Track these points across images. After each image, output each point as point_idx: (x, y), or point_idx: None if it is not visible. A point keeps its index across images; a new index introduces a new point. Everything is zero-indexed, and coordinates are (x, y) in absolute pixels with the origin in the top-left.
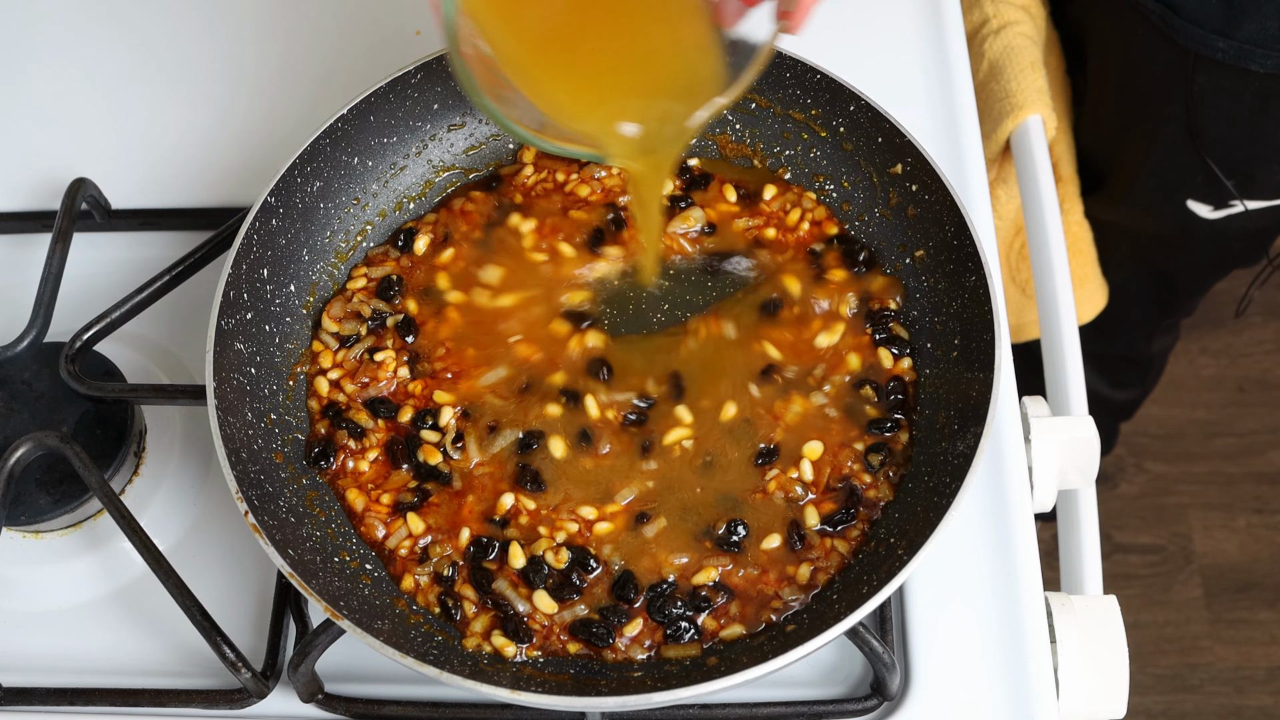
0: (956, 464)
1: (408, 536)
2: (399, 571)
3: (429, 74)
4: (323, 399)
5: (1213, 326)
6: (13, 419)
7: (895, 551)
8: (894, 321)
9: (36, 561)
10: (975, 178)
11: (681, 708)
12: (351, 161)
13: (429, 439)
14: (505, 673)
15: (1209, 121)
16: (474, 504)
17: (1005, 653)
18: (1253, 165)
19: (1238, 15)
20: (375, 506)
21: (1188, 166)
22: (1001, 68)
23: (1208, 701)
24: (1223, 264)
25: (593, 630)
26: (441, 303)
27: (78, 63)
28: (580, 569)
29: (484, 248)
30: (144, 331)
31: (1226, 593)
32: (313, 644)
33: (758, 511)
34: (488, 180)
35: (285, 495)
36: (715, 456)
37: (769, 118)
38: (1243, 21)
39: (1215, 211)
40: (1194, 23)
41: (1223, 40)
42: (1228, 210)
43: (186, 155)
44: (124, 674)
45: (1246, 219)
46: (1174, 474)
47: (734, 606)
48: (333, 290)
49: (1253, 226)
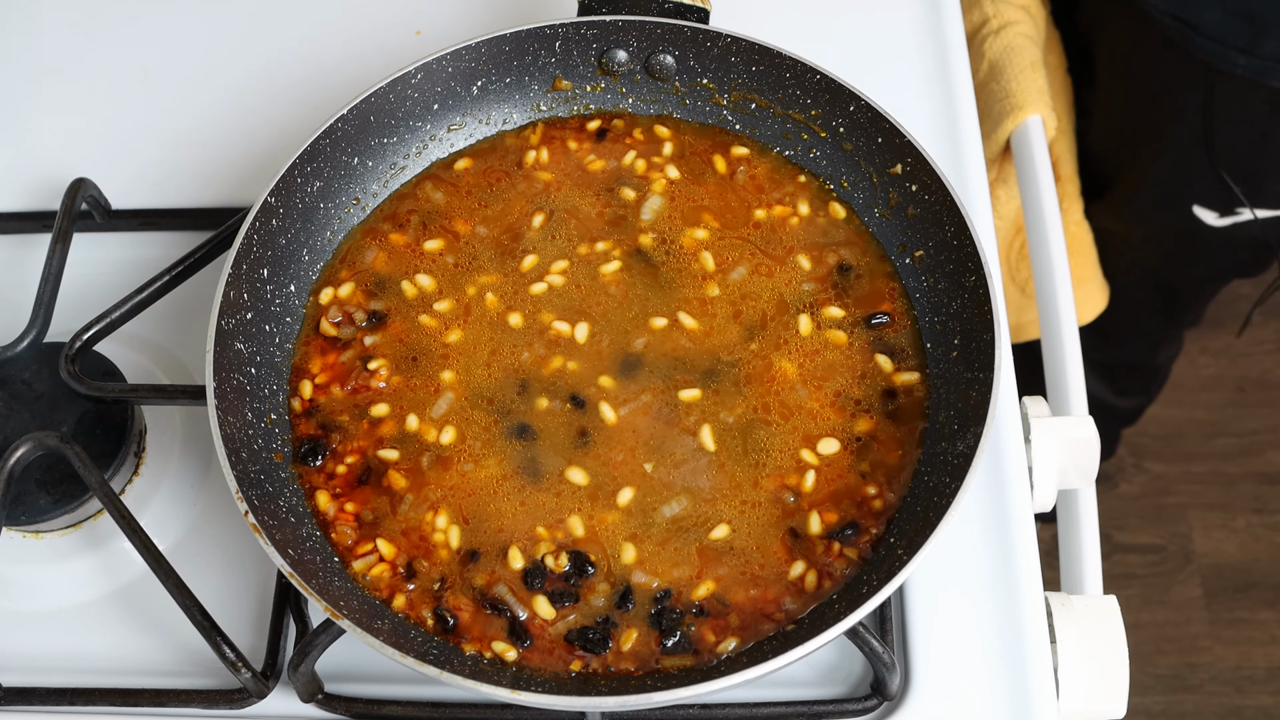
0: (956, 464)
1: (380, 561)
2: (387, 596)
3: (429, 74)
4: (305, 401)
5: (1213, 326)
6: (13, 419)
7: (895, 551)
8: (891, 327)
9: (36, 561)
10: (975, 178)
11: (681, 708)
12: (351, 161)
13: (388, 457)
14: (505, 672)
15: (1220, 129)
16: (460, 506)
17: (1005, 653)
18: (1262, 175)
19: (1260, 33)
20: (342, 515)
21: (1196, 172)
22: (1001, 68)
23: (1208, 701)
24: (1226, 273)
25: (589, 638)
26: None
27: (77, 63)
28: (579, 574)
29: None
30: (144, 331)
31: (1226, 593)
32: (313, 644)
33: (760, 519)
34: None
35: (285, 495)
36: (718, 461)
37: (769, 118)
38: (1264, 39)
39: (1221, 219)
40: (1214, 39)
41: (1244, 57)
42: (1234, 219)
43: (186, 155)
44: (124, 674)
45: (1252, 228)
46: (1174, 474)
47: (733, 618)
48: (333, 291)
49: (1258, 236)
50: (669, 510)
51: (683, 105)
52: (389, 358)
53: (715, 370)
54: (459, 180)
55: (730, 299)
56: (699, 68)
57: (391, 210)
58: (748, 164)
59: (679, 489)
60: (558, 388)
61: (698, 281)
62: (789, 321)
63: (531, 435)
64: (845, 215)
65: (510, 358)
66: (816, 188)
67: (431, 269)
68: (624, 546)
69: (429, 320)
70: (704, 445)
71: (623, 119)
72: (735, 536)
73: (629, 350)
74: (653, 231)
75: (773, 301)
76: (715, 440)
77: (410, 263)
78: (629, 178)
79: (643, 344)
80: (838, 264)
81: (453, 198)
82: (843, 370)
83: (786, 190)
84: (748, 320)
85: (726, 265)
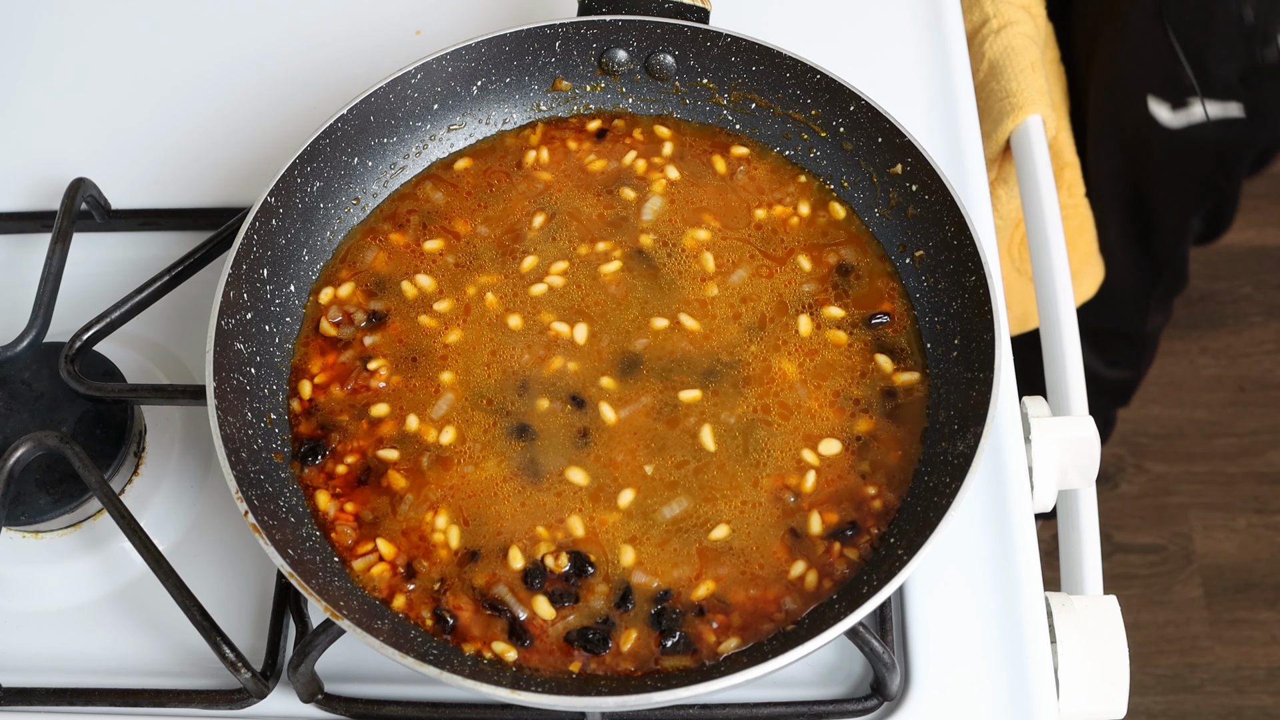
0: (956, 464)
1: (380, 560)
2: (387, 596)
3: (429, 74)
4: (304, 401)
5: (1213, 326)
6: (13, 419)
7: (895, 551)
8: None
9: (36, 561)
10: (975, 178)
11: (681, 708)
12: (351, 161)
13: (388, 457)
14: (505, 673)
15: (1170, 6)
16: (460, 506)
17: (1005, 653)
18: (1206, 52)
19: None
20: (341, 515)
21: (1150, 55)
22: (1001, 68)
23: (1208, 701)
24: (1189, 189)
25: (589, 638)
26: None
27: (78, 63)
28: (579, 574)
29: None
30: (144, 331)
31: (1226, 593)
32: (313, 644)
33: (760, 519)
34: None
35: (285, 495)
36: (718, 461)
37: (769, 118)
38: None
39: (1174, 115)
40: None
41: None
42: (1185, 115)
43: (186, 155)
44: (124, 674)
45: (1205, 131)
46: (1174, 474)
47: (733, 618)
48: (333, 291)
49: (1212, 140)
50: (669, 511)
51: (683, 105)
52: (389, 358)
53: (715, 371)
54: (459, 180)
55: (730, 299)
56: (699, 67)
57: (391, 210)
58: (748, 164)
59: (679, 489)
60: (558, 388)
61: (698, 282)
62: (789, 322)
63: (532, 435)
64: (845, 215)
65: (510, 358)
66: (816, 188)
67: (431, 269)
68: (624, 547)
69: (429, 320)
70: (704, 445)
71: (623, 119)
72: (735, 537)
73: (629, 350)
74: (653, 232)
75: (773, 302)
76: (715, 440)
77: (410, 263)
78: (629, 178)
79: (643, 344)
80: (838, 264)
81: (453, 198)
82: (843, 370)
83: (787, 190)
84: (748, 321)
85: (726, 266)
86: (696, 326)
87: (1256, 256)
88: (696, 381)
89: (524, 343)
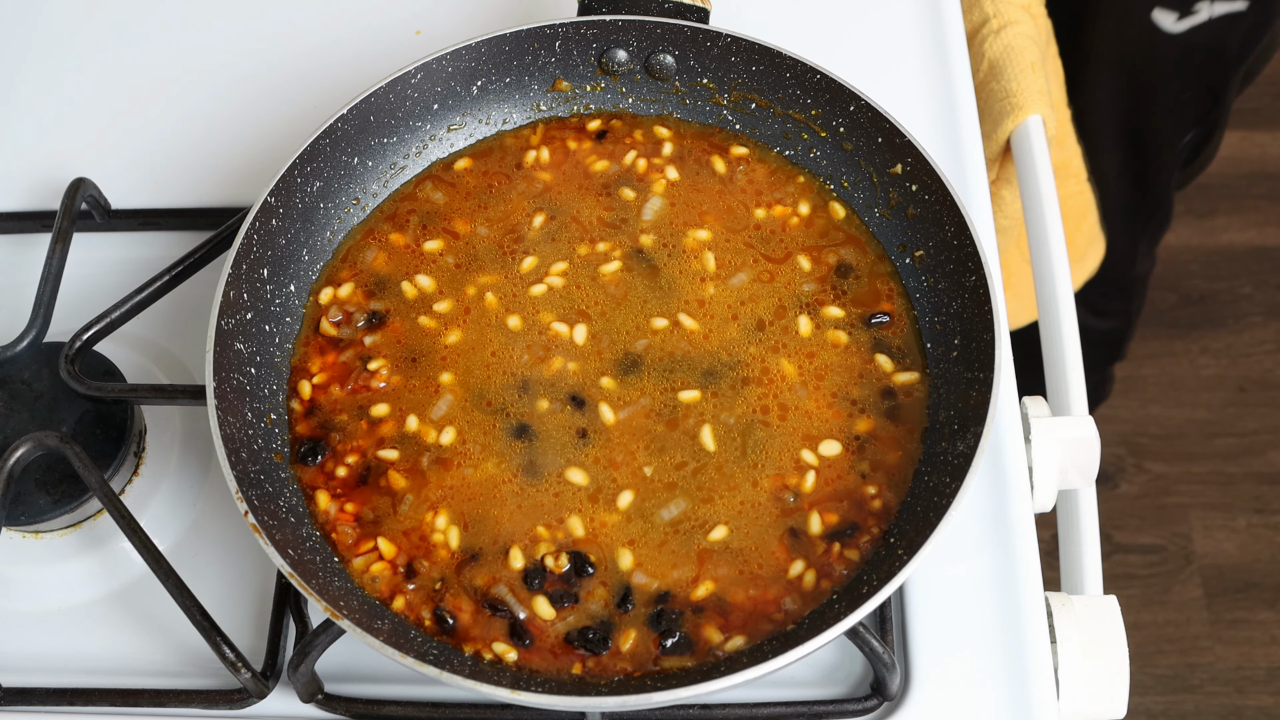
0: (956, 464)
1: (380, 560)
2: (387, 596)
3: (429, 74)
4: (304, 401)
5: (1213, 326)
6: (12, 419)
7: (895, 551)
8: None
9: (36, 561)
10: (975, 178)
11: (681, 708)
12: (351, 161)
13: (388, 457)
14: (505, 673)
15: None
16: (462, 507)
17: (1005, 653)
18: None
19: None
20: (341, 515)
21: None
22: (1001, 68)
23: (1208, 701)
24: (1186, 101)
25: (589, 638)
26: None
27: (78, 62)
28: (579, 574)
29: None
30: (144, 331)
31: (1227, 593)
32: (313, 644)
33: (759, 519)
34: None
35: (285, 495)
36: (717, 461)
37: (769, 118)
38: None
39: (1180, 22)
40: None
41: None
42: (1191, 20)
43: (186, 155)
44: (124, 674)
45: (1208, 33)
46: (1174, 474)
47: (733, 618)
48: (333, 291)
49: (1214, 44)
50: (669, 511)
51: (683, 105)
52: (389, 358)
53: (715, 371)
54: (459, 180)
55: (730, 300)
56: (699, 68)
57: (391, 210)
58: (747, 164)
59: (678, 490)
60: (558, 388)
61: (697, 282)
62: (789, 322)
63: (531, 436)
64: (845, 215)
65: (510, 358)
66: (816, 188)
67: (431, 269)
68: (623, 547)
69: (429, 321)
70: (704, 446)
71: (623, 119)
72: (735, 537)
73: (629, 351)
74: (653, 232)
75: (772, 302)
76: (715, 441)
77: (410, 263)
78: (629, 178)
79: (643, 345)
80: (838, 264)
81: (453, 198)
82: (842, 370)
83: (786, 190)
84: (747, 321)
85: (726, 266)
86: (696, 327)
87: (1256, 256)
88: (696, 382)
89: (524, 343)
